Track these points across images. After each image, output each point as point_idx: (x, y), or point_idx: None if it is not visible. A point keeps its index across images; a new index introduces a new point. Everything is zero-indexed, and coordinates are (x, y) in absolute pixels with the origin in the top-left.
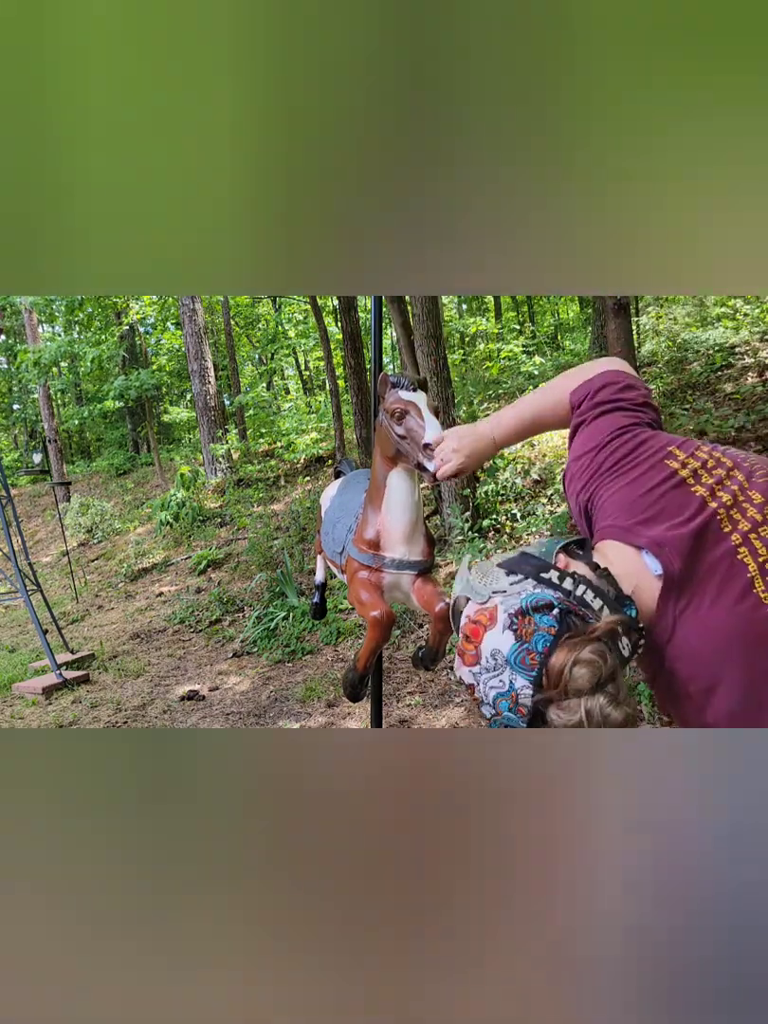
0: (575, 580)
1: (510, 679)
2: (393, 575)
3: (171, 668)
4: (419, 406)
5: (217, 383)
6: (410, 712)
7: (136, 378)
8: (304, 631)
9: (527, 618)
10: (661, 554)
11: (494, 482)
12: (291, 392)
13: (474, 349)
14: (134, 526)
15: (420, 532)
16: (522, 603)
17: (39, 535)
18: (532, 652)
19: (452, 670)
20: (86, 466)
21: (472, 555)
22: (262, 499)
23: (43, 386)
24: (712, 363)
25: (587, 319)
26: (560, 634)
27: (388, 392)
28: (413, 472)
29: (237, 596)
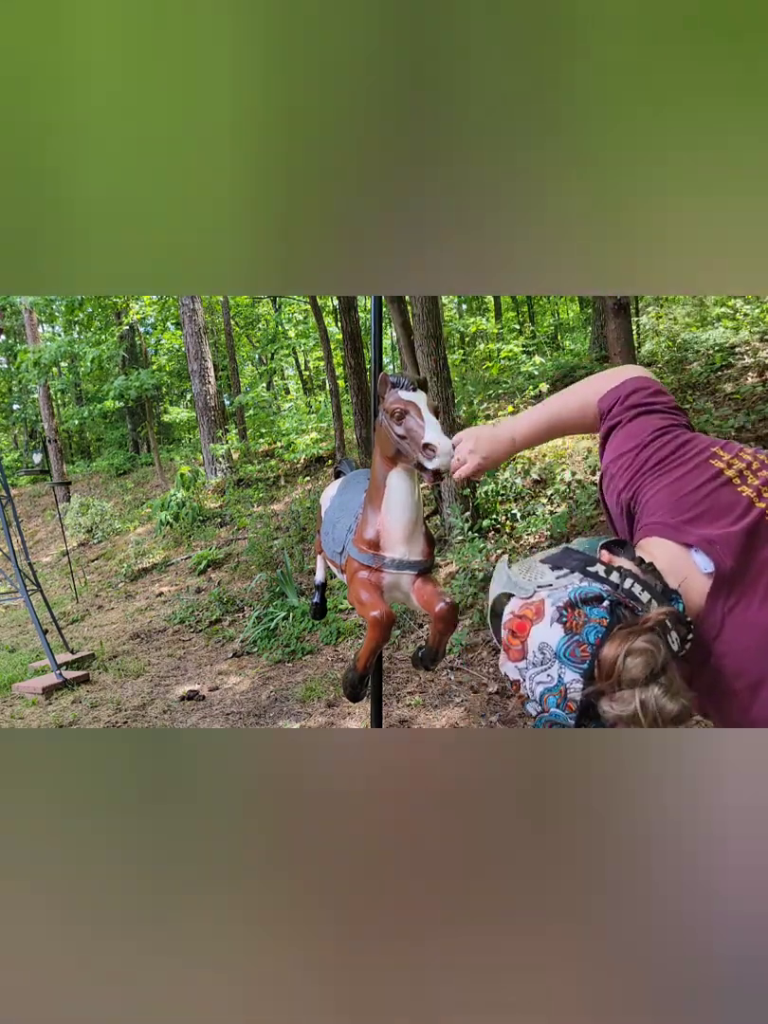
0: (622, 574)
1: (559, 673)
2: (393, 575)
3: (171, 668)
4: (419, 406)
5: (217, 383)
6: (410, 712)
7: (136, 378)
8: (304, 631)
9: (577, 610)
10: (713, 551)
11: (494, 482)
12: (291, 392)
13: (474, 349)
14: (134, 526)
15: (420, 532)
16: (570, 596)
17: (39, 535)
18: (583, 644)
19: (452, 670)
20: (86, 466)
21: (509, 555)
22: (262, 499)
23: (43, 386)
24: (712, 363)
25: (587, 319)
26: (612, 625)
27: (388, 392)
28: (413, 472)
29: (237, 596)
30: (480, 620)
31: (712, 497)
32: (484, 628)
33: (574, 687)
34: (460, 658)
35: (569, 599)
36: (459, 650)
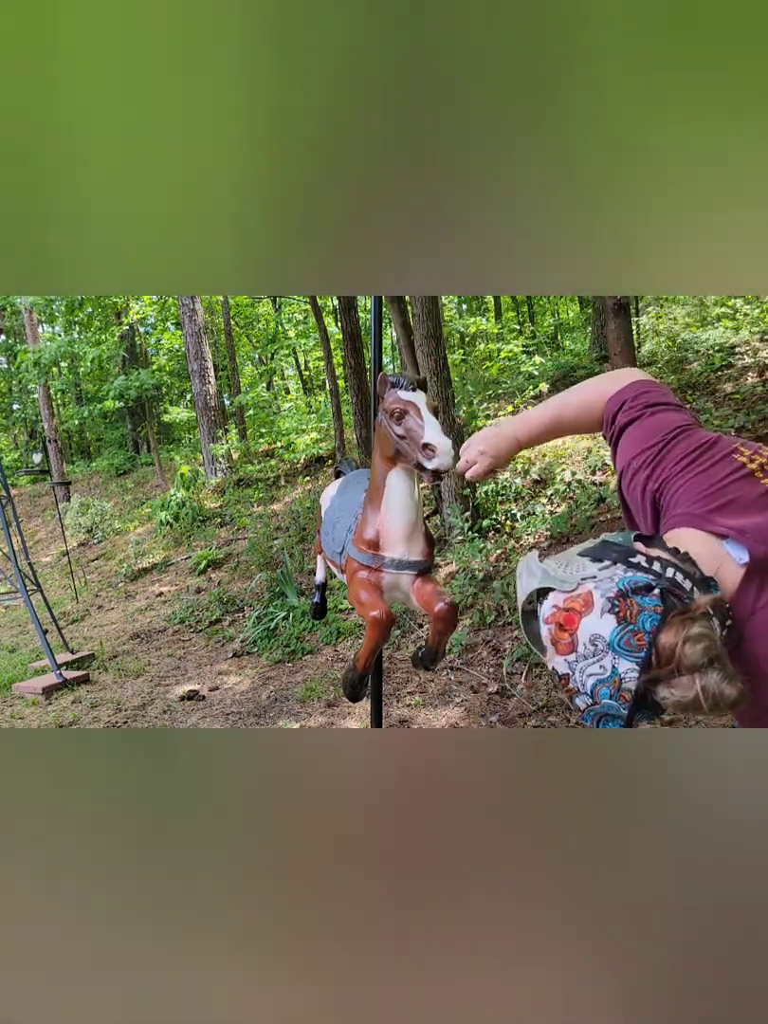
0: (662, 563)
1: (612, 663)
2: (393, 575)
3: (171, 668)
4: (418, 406)
5: (217, 383)
6: (410, 712)
7: (136, 378)
8: (304, 631)
9: (628, 600)
10: (746, 541)
11: (494, 482)
12: (291, 392)
13: (474, 349)
14: (134, 526)
15: (420, 532)
16: (620, 585)
17: (39, 535)
18: (639, 632)
19: (452, 670)
20: (86, 466)
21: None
22: (262, 499)
23: (43, 386)
24: (712, 363)
25: (587, 319)
26: (666, 612)
27: (388, 392)
28: (412, 472)
29: (237, 596)
30: (480, 620)
31: (738, 489)
32: (484, 628)
33: (630, 676)
34: (460, 658)
35: (620, 589)
36: (459, 650)
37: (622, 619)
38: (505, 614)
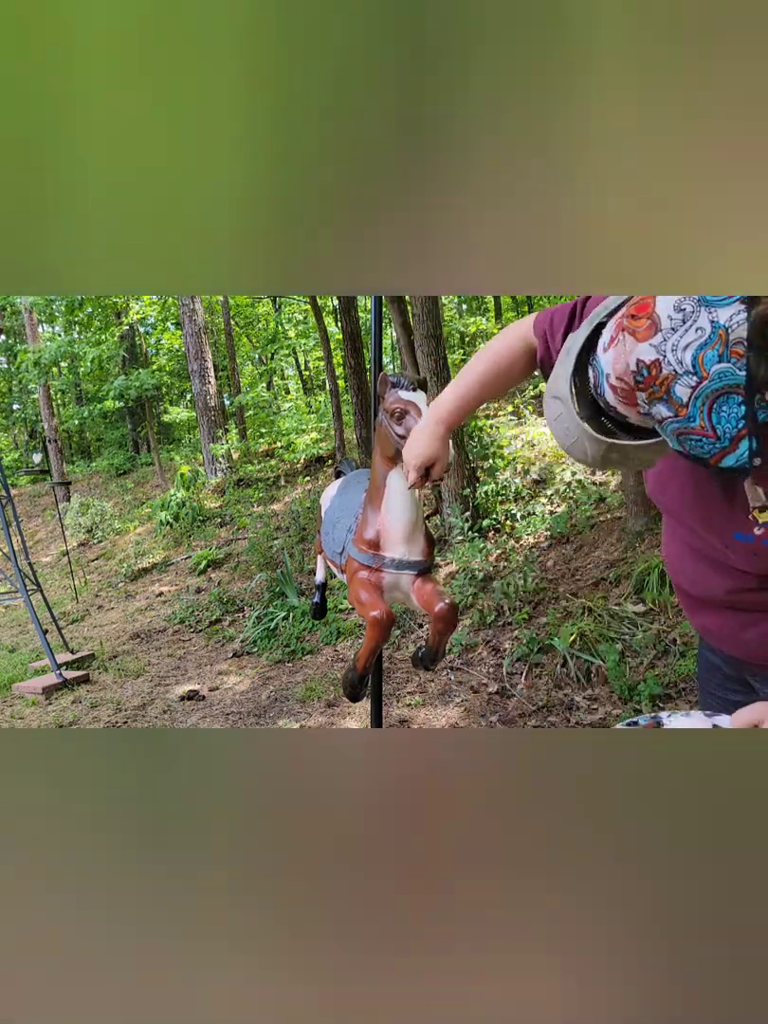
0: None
1: (710, 318)
2: (393, 575)
3: (171, 668)
4: (419, 406)
5: (217, 383)
6: (410, 712)
7: (136, 378)
8: (304, 631)
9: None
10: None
11: (494, 482)
12: (291, 392)
13: (474, 349)
14: (134, 526)
15: (420, 532)
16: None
17: (39, 535)
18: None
19: (452, 670)
20: (86, 466)
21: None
22: (262, 499)
23: (43, 386)
24: None
25: None
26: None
27: (388, 392)
28: None
29: (237, 596)
30: (480, 620)
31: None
32: (484, 628)
33: (737, 320)
34: (460, 658)
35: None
36: (459, 650)
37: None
38: (505, 614)
